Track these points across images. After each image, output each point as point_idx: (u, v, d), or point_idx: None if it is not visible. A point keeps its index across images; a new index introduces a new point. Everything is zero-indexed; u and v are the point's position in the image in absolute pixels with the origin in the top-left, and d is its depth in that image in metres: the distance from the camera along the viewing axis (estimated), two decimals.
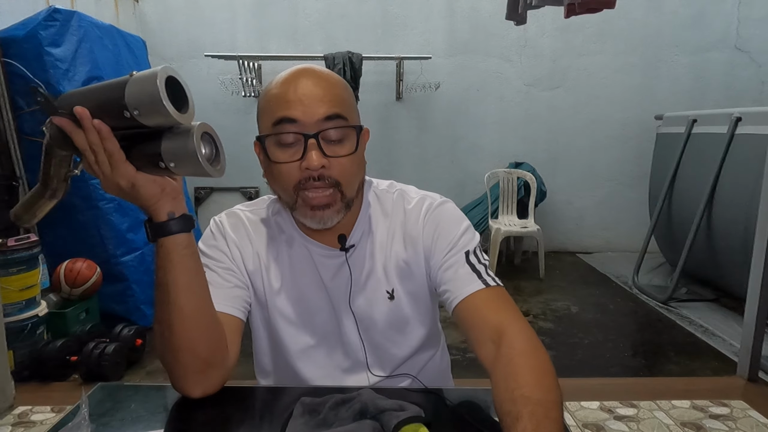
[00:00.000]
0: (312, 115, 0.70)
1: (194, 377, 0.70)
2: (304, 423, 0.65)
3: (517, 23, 2.65)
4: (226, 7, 4.10)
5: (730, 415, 0.75)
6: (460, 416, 0.70)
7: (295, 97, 0.71)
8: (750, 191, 2.61)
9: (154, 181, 0.63)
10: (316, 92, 0.71)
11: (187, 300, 0.66)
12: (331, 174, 0.72)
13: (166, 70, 0.56)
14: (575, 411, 0.77)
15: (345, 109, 0.73)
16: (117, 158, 0.60)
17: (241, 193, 4.30)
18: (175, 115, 0.55)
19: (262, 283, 0.82)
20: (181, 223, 0.65)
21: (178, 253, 0.65)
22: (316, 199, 0.72)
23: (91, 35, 2.61)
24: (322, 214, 0.73)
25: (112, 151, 0.59)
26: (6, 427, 0.73)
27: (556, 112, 4.26)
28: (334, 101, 0.72)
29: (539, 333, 2.72)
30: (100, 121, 0.57)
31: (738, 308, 2.95)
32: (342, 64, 3.72)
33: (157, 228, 0.65)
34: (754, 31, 4.07)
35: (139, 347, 2.34)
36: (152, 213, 0.65)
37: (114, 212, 2.56)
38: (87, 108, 0.58)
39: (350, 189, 0.75)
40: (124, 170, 0.60)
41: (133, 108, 0.55)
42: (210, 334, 0.70)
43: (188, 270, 0.66)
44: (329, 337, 0.83)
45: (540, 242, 3.62)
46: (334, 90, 0.73)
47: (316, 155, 0.70)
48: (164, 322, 0.67)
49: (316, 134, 0.70)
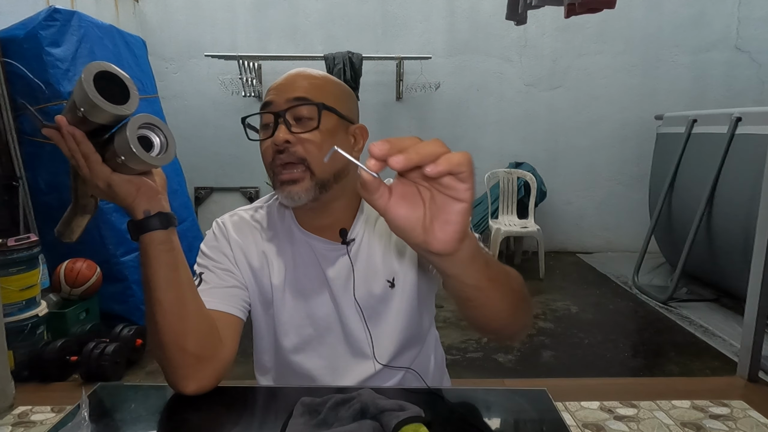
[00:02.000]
0: (282, 98, 0.77)
1: (184, 372, 0.71)
2: (304, 423, 0.65)
3: (517, 23, 2.65)
4: (226, 7, 4.10)
5: (730, 415, 0.75)
6: (460, 416, 0.70)
7: (275, 86, 0.80)
8: (750, 191, 2.61)
9: (130, 181, 0.65)
10: (291, 81, 0.79)
11: (166, 294, 0.68)
12: (296, 150, 0.76)
13: (96, 65, 0.57)
14: (575, 411, 0.77)
15: (316, 95, 0.77)
16: (92, 160, 0.62)
17: (241, 193, 4.30)
18: (109, 108, 0.57)
19: (268, 278, 0.84)
20: (157, 220, 0.67)
21: (154, 248, 0.67)
22: (285, 175, 0.76)
23: (91, 35, 2.61)
24: (290, 189, 0.76)
25: (87, 154, 0.62)
26: (6, 427, 0.72)
27: (556, 112, 4.27)
28: (305, 88, 0.78)
29: (539, 333, 2.73)
30: (73, 127, 0.61)
31: (738, 308, 2.95)
32: (342, 64, 3.72)
33: (135, 226, 0.67)
34: (754, 31, 4.07)
35: (139, 347, 2.34)
36: (130, 212, 0.67)
37: (114, 212, 2.56)
38: (65, 117, 0.61)
39: (321, 168, 0.77)
40: (100, 171, 0.63)
41: (80, 106, 0.58)
42: (195, 327, 0.71)
43: (165, 265, 0.68)
44: (333, 329, 0.85)
45: (540, 242, 3.62)
46: (311, 80, 0.79)
47: (281, 130, 0.75)
48: (150, 318, 0.70)
49: (282, 112, 0.76)
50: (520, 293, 0.65)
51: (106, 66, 0.58)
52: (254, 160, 4.57)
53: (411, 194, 0.46)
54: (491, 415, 0.72)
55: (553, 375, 2.31)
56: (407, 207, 0.45)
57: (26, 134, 2.50)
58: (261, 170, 0.82)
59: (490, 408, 0.73)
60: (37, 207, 2.54)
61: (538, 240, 3.61)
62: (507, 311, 0.62)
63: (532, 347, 2.58)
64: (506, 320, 0.64)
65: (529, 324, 0.73)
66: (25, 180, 2.47)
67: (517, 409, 0.74)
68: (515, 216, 3.90)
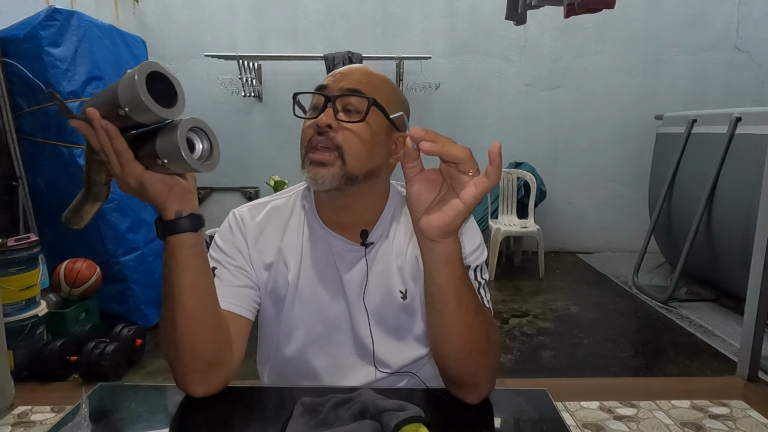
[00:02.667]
0: (338, 85, 0.77)
1: (196, 376, 0.71)
2: (304, 423, 0.65)
3: (517, 23, 2.65)
4: (226, 7, 4.10)
5: (730, 415, 0.75)
6: (460, 416, 0.70)
7: (334, 73, 0.81)
8: (750, 191, 2.61)
9: (162, 180, 0.63)
10: (352, 72, 0.80)
11: (190, 299, 0.67)
12: (335, 136, 0.75)
13: (149, 65, 0.56)
14: (575, 411, 0.78)
15: (370, 90, 0.77)
16: (125, 157, 0.60)
17: (241, 193, 4.30)
18: (158, 110, 0.55)
19: (283, 274, 0.83)
20: (188, 222, 0.65)
21: (183, 252, 0.66)
22: (316, 155, 0.75)
23: (90, 35, 2.61)
24: (317, 171, 0.75)
25: (119, 150, 0.60)
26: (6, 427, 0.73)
27: (556, 112, 4.27)
28: (362, 81, 0.78)
29: (539, 333, 2.73)
30: (107, 122, 0.58)
31: (738, 308, 2.95)
32: (342, 64, 3.72)
33: (164, 226, 0.65)
34: (754, 31, 4.07)
35: (139, 347, 2.34)
36: (161, 211, 0.65)
37: (114, 212, 2.55)
38: (97, 109, 0.59)
39: (354, 162, 0.76)
40: (132, 169, 0.61)
41: (125, 105, 0.56)
42: (213, 335, 0.70)
43: (193, 269, 0.67)
44: (342, 329, 0.84)
45: (540, 242, 3.62)
46: (370, 77, 0.80)
47: (327, 114, 0.75)
48: (168, 319, 0.68)
49: (334, 96, 0.76)
50: (483, 340, 0.67)
51: (156, 66, 0.56)
52: (254, 160, 4.59)
53: (435, 181, 0.58)
54: (491, 415, 0.72)
55: (553, 375, 2.31)
56: (426, 187, 0.58)
57: (26, 134, 2.50)
58: (261, 170, 0.82)
59: (490, 408, 0.73)
60: (37, 207, 2.54)
61: (538, 240, 3.61)
62: (462, 340, 0.65)
63: (532, 347, 2.58)
64: (459, 353, 0.66)
65: (486, 385, 0.71)
66: (25, 180, 2.47)
67: (517, 409, 0.74)
68: (515, 216, 3.90)
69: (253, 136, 4.21)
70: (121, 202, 2.57)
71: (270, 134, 4.22)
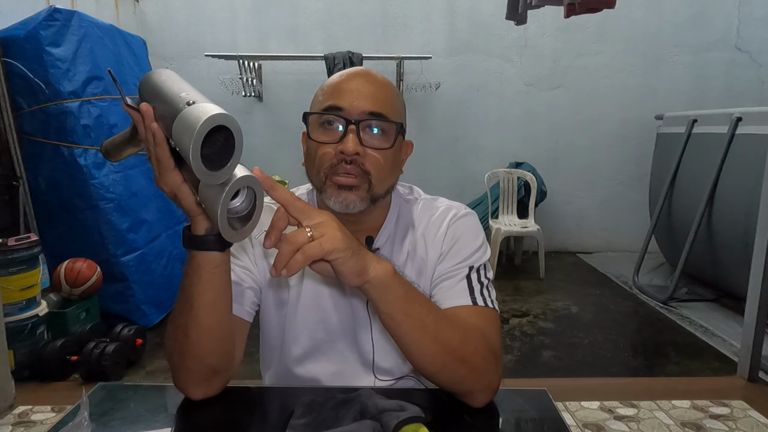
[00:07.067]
0: (357, 107, 0.74)
1: (197, 381, 0.71)
2: (304, 423, 0.65)
3: (517, 23, 2.65)
4: (226, 7, 4.10)
5: (730, 415, 0.75)
6: (460, 416, 0.70)
7: (347, 89, 0.75)
8: (750, 191, 2.61)
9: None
10: (366, 89, 0.75)
11: (208, 315, 0.66)
12: (364, 162, 0.74)
13: (213, 119, 0.49)
14: (575, 411, 0.78)
15: (390, 111, 0.76)
16: (165, 166, 0.58)
17: None
18: (202, 174, 0.50)
19: (286, 279, 0.83)
20: (218, 242, 0.63)
21: (208, 270, 0.64)
22: (344, 179, 0.73)
23: (91, 35, 2.61)
24: (347, 196, 0.74)
25: (160, 158, 0.58)
26: (6, 426, 0.73)
27: (556, 112, 4.27)
28: (381, 100, 0.75)
29: (539, 333, 2.73)
30: (157, 126, 0.56)
31: (738, 308, 2.95)
32: (342, 64, 3.72)
33: (192, 240, 0.63)
34: (754, 31, 4.07)
35: (140, 347, 2.34)
36: (192, 224, 0.64)
37: (114, 212, 2.55)
38: (153, 107, 0.56)
39: (379, 184, 0.75)
40: (169, 178, 0.59)
41: (175, 141, 0.53)
42: (222, 347, 0.70)
43: (215, 287, 0.66)
44: (346, 336, 0.84)
45: (540, 242, 3.62)
46: (383, 91, 0.77)
47: (353, 140, 0.72)
48: (180, 327, 0.67)
49: (357, 121, 0.73)
50: (459, 347, 0.67)
51: (225, 120, 0.50)
52: (253, 161, 4.58)
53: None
54: (491, 415, 0.72)
55: (553, 375, 2.31)
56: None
57: (27, 134, 2.50)
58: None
59: (490, 408, 0.73)
60: (38, 207, 2.54)
61: (538, 240, 3.61)
62: (431, 355, 0.66)
63: (532, 347, 2.58)
64: (433, 366, 0.68)
65: (484, 390, 0.71)
66: (25, 180, 2.47)
67: (517, 409, 0.74)
68: (515, 216, 3.90)
69: (254, 136, 4.21)
70: (121, 202, 2.57)
71: (270, 134, 4.22)
